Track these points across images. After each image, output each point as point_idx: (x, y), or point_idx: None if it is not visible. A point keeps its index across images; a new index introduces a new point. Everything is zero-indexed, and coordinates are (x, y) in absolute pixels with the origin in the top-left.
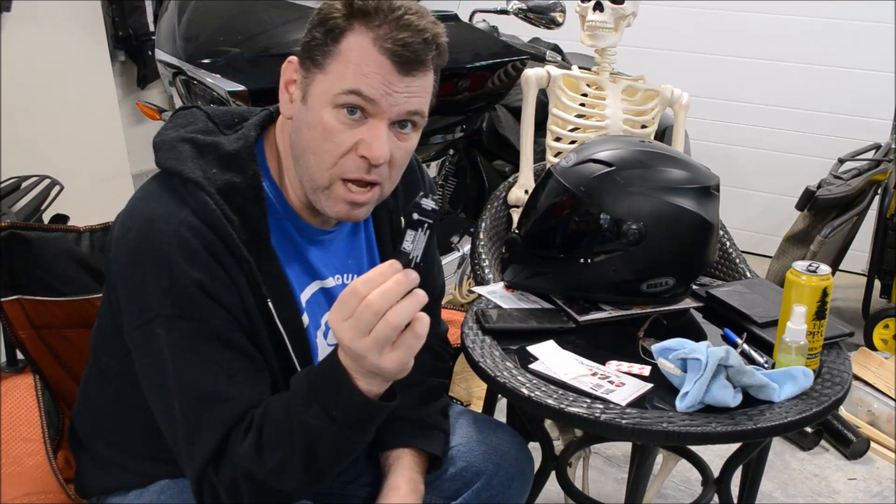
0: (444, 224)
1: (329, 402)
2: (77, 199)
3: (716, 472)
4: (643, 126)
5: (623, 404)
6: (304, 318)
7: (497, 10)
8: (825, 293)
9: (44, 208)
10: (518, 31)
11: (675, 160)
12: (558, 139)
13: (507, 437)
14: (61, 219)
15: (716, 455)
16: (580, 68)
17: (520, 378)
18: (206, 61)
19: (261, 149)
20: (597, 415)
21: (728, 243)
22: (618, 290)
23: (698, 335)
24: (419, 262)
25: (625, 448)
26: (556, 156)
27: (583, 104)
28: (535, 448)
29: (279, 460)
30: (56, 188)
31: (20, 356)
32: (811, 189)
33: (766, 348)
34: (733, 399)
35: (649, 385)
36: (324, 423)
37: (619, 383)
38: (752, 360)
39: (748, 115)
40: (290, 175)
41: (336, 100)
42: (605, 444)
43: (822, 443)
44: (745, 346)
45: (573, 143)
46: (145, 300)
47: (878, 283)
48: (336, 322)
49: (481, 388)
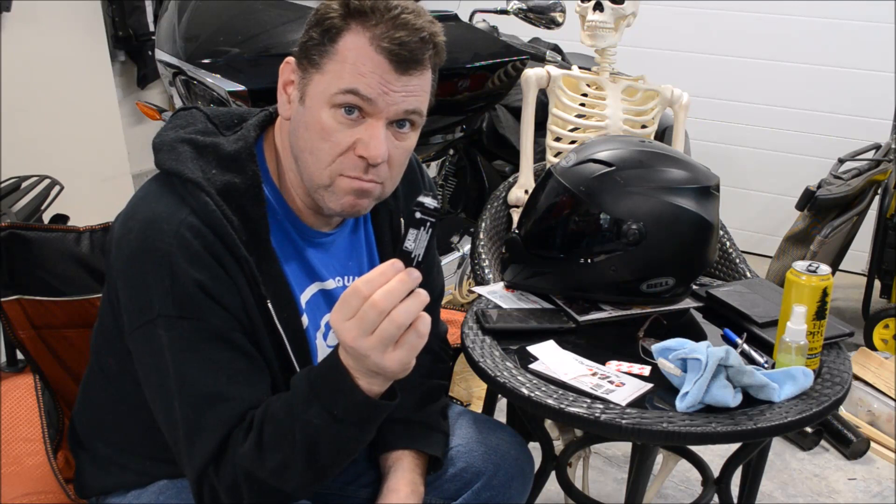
0: (444, 224)
1: (330, 401)
2: (77, 199)
3: (716, 472)
4: (643, 126)
5: (623, 404)
6: (304, 319)
7: (497, 10)
8: (825, 293)
9: (44, 208)
10: (518, 31)
11: (675, 160)
12: (558, 139)
13: (507, 437)
14: (61, 219)
15: (716, 455)
16: (580, 68)
17: (520, 378)
18: (206, 61)
19: (260, 149)
20: (597, 415)
21: (728, 243)
22: (618, 290)
23: (698, 335)
24: (420, 260)
25: (625, 448)
26: (556, 156)
27: (583, 104)
28: (535, 448)
29: (280, 460)
30: (56, 188)
31: (20, 356)
32: (811, 189)
33: (766, 348)
34: (733, 399)
35: (649, 385)
36: (325, 422)
37: (619, 383)
38: (752, 360)
39: (748, 115)
40: (291, 175)
41: (333, 99)
42: (605, 444)
43: (822, 443)
44: (745, 346)
45: (573, 143)
46: (146, 300)
47: (878, 283)
48: (338, 322)
49: (481, 388)
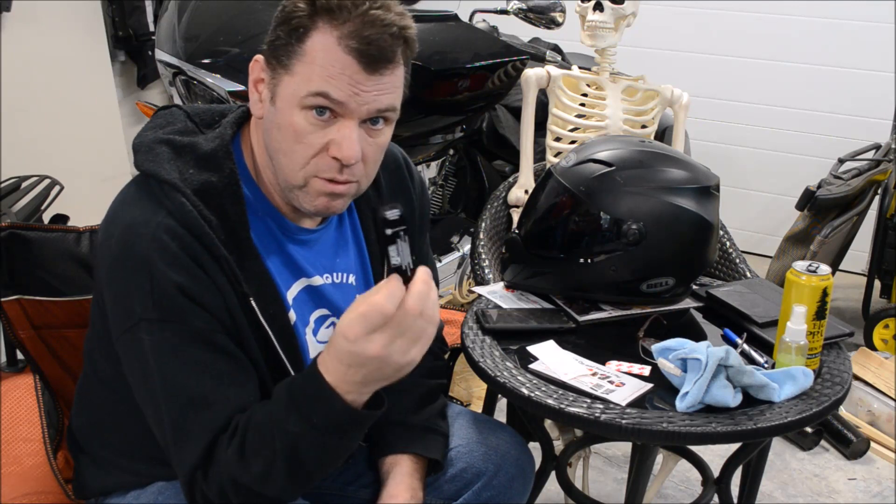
0: (444, 224)
1: (308, 410)
2: (77, 199)
3: (716, 472)
4: (643, 126)
5: (623, 404)
6: (292, 315)
7: (497, 10)
8: (825, 293)
9: (44, 208)
10: (518, 31)
11: (675, 160)
12: (558, 139)
13: (508, 437)
14: (61, 219)
15: (716, 455)
16: (580, 68)
17: (520, 378)
18: (206, 61)
19: (238, 147)
20: (597, 415)
21: (728, 243)
22: (618, 290)
23: (698, 335)
24: (412, 265)
25: (625, 448)
26: (556, 156)
27: (583, 104)
28: (535, 448)
29: (262, 467)
30: (56, 188)
31: (20, 356)
32: (811, 189)
33: (766, 348)
34: (733, 399)
35: (649, 385)
36: (304, 430)
37: (619, 383)
38: (752, 360)
39: (748, 115)
40: (269, 173)
41: (304, 102)
42: (605, 444)
43: (822, 443)
44: (745, 346)
45: (573, 143)
46: (128, 305)
47: (878, 283)
48: (362, 337)
49: (481, 388)
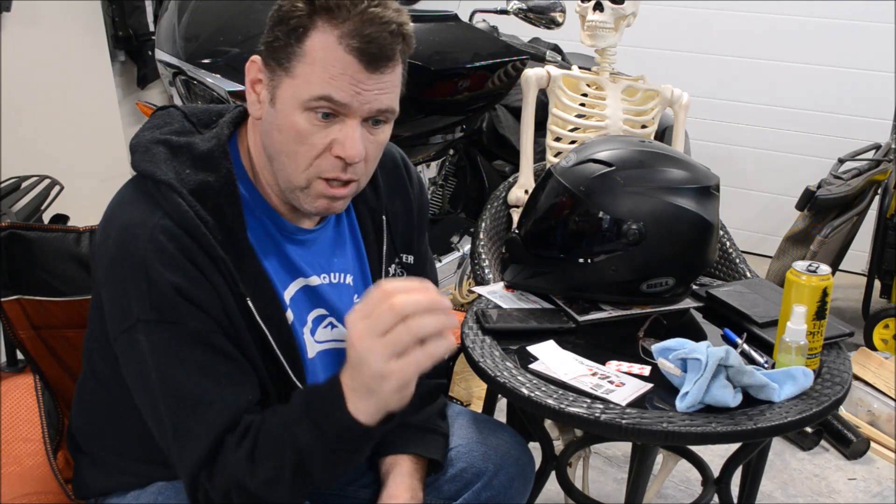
0: (444, 224)
1: (322, 422)
2: (77, 199)
3: (716, 472)
4: (643, 126)
5: (623, 404)
6: (289, 315)
7: (497, 10)
8: (825, 293)
9: (44, 208)
10: (518, 31)
11: (675, 160)
12: (558, 139)
13: (508, 437)
14: (61, 219)
15: (716, 455)
16: (580, 68)
17: (520, 378)
18: (206, 61)
19: (234, 147)
20: (597, 415)
21: (728, 243)
22: (618, 290)
23: (698, 335)
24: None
25: (625, 448)
26: (556, 156)
27: (583, 104)
28: (535, 448)
29: (270, 473)
30: (56, 188)
31: (20, 356)
32: (811, 189)
33: (766, 348)
34: (733, 399)
35: (649, 385)
36: (315, 441)
37: (619, 383)
38: (752, 360)
39: (748, 115)
40: (267, 174)
41: (306, 104)
42: (605, 444)
43: (822, 443)
44: (745, 346)
45: (573, 143)
46: (125, 306)
47: (878, 283)
48: (354, 318)
49: (481, 388)
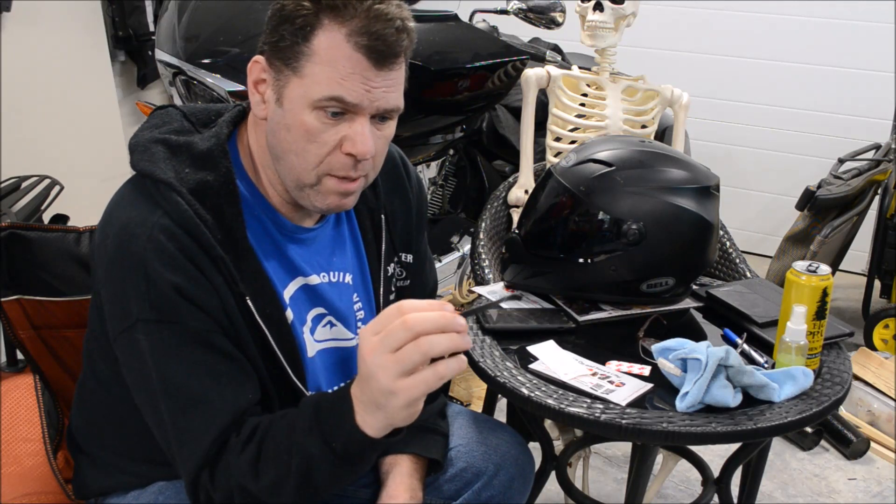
0: (444, 224)
1: (331, 434)
2: (77, 199)
3: (716, 472)
4: (643, 126)
5: (623, 404)
6: (289, 314)
7: (497, 10)
8: (825, 293)
9: (44, 208)
10: (518, 31)
11: (675, 160)
12: (558, 139)
13: (508, 437)
14: (61, 219)
15: (716, 455)
16: (580, 68)
17: (520, 378)
18: (206, 61)
19: (234, 146)
20: (597, 415)
21: (728, 243)
22: (618, 290)
23: (698, 335)
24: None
25: (625, 448)
26: (556, 156)
27: (583, 104)
28: (535, 448)
29: (274, 479)
30: (56, 188)
31: (20, 356)
32: (811, 189)
33: (766, 348)
34: (733, 399)
35: (649, 385)
36: (322, 453)
37: (619, 383)
38: (752, 360)
39: (748, 115)
40: (269, 173)
41: (316, 104)
42: (605, 444)
43: (822, 443)
44: (745, 346)
45: (573, 143)
46: (125, 306)
47: (878, 283)
48: (367, 333)
49: (481, 388)
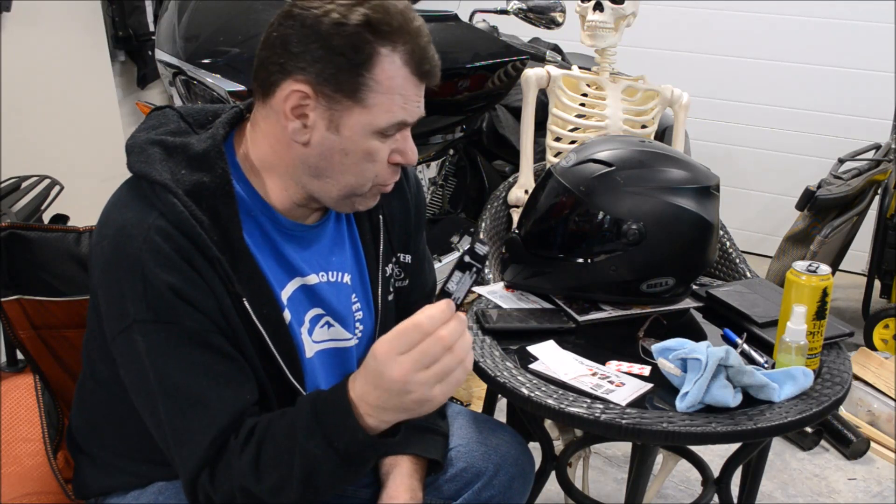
0: (444, 224)
1: (334, 435)
2: (77, 199)
3: (716, 472)
4: (643, 126)
5: (623, 404)
6: (286, 315)
7: (497, 10)
8: (825, 293)
9: (44, 208)
10: (518, 31)
11: (675, 160)
12: (558, 139)
13: (508, 437)
14: (61, 219)
15: (716, 455)
16: (580, 68)
17: (520, 378)
18: (206, 61)
19: (230, 147)
20: (597, 415)
21: (728, 243)
22: (618, 290)
23: (698, 335)
24: (459, 303)
25: (625, 448)
26: (556, 156)
27: (583, 104)
28: (535, 448)
29: (277, 480)
30: (56, 188)
31: (20, 356)
32: (811, 189)
33: (766, 348)
34: (733, 399)
35: (649, 385)
36: (326, 454)
37: (619, 383)
38: (752, 360)
39: (748, 115)
40: (274, 178)
41: (385, 131)
42: (605, 444)
43: (822, 443)
44: (745, 346)
45: (573, 143)
46: (122, 307)
47: (878, 283)
48: (390, 356)
49: (481, 388)
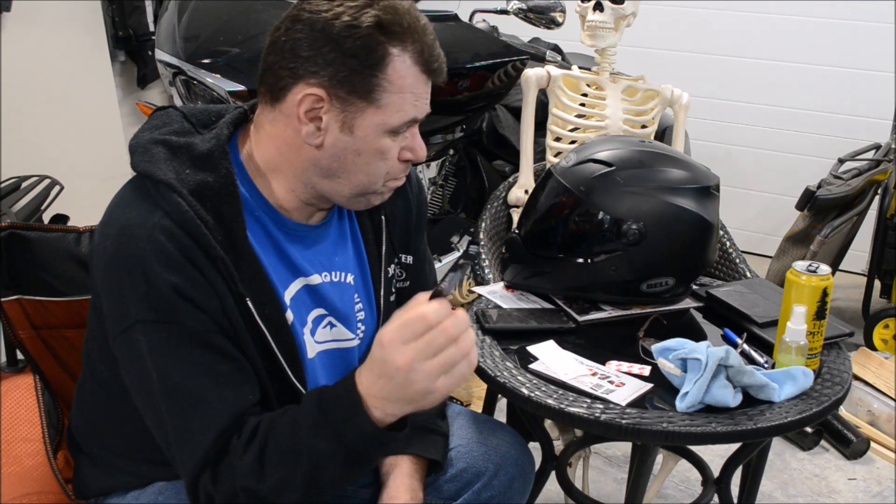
0: (444, 224)
1: (341, 429)
2: (77, 199)
3: (716, 472)
4: (643, 126)
5: (623, 404)
6: (289, 315)
7: (497, 10)
8: (825, 293)
9: (44, 208)
10: (518, 31)
11: (675, 160)
12: (558, 139)
13: (508, 437)
14: (61, 219)
15: (716, 455)
16: (580, 68)
17: (520, 378)
18: (206, 61)
19: (234, 147)
20: (597, 415)
21: (728, 243)
22: (618, 290)
23: (698, 335)
24: (446, 294)
25: (625, 448)
26: (556, 156)
27: (583, 104)
28: (535, 448)
29: (281, 479)
30: (56, 188)
31: (20, 356)
32: (811, 189)
33: (766, 348)
34: (733, 399)
35: (649, 385)
36: (333, 449)
37: (619, 383)
38: (752, 360)
39: (748, 115)
40: (280, 178)
41: (398, 129)
42: (605, 444)
43: (822, 443)
44: (745, 346)
45: (573, 143)
46: (124, 307)
47: (878, 283)
48: (395, 344)
49: (481, 388)
